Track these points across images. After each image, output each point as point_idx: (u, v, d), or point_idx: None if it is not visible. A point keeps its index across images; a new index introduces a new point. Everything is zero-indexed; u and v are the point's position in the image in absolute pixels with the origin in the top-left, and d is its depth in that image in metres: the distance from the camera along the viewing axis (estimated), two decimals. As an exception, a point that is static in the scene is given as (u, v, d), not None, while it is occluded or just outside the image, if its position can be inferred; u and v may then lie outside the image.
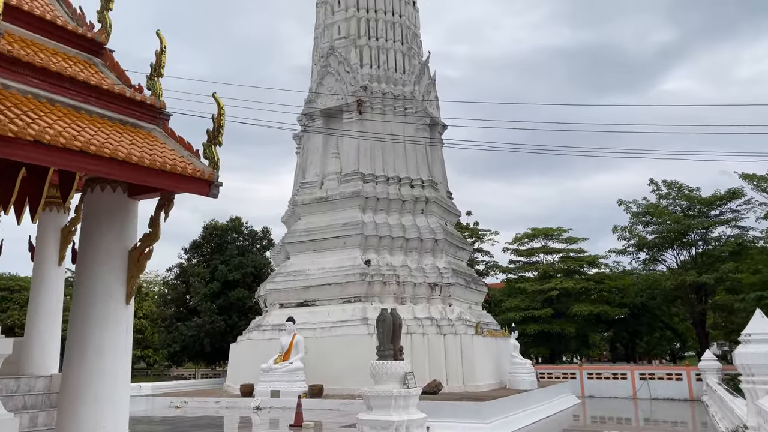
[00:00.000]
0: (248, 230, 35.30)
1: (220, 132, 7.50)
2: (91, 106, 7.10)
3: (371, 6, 25.27)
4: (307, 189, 23.93)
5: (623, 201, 35.09)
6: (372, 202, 22.74)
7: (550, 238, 39.86)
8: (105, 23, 8.62)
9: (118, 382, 6.84)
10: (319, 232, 22.56)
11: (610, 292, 36.88)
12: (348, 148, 23.76)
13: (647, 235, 34.30)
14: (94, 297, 6.93)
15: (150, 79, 8.10)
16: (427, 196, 23.52)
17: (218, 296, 30.89)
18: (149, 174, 6.64)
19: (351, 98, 23.60)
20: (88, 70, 7.84)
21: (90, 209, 7.30)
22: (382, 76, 24.60)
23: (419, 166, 24.19)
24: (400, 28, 25.59)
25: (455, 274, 22.32)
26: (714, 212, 33.30)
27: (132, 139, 6.93)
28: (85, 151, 5.81)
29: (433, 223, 23.17)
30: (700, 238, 33.42)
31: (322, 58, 24.70)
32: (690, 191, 33.58)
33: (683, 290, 32.58)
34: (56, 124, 5.91)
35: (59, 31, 7.97)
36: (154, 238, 7.20)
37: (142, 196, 7.46)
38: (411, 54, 25.70)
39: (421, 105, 24.43)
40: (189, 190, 7.22)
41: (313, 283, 21.55)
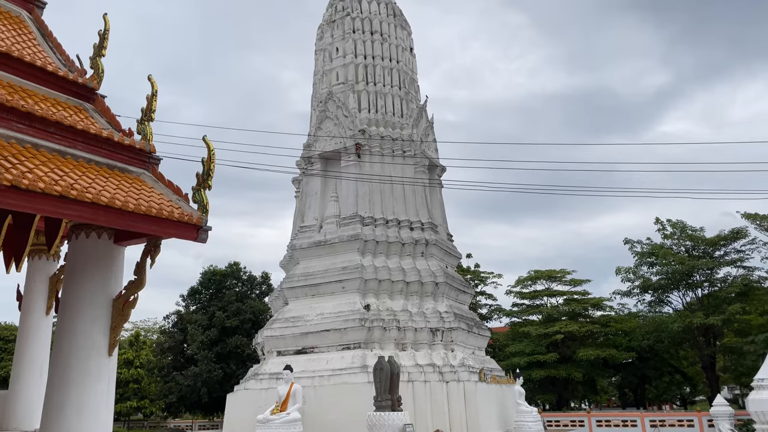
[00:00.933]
0: (247, 276, 34.95)
1: (210, 175, 7.34)
2: (78, 151, 6.97)
3: (369, 53, 25.61)
4: (305, 233, 23.71)
5: (630, 240, 34.76)
6: (371, 245, 22.46)
7: (553, 280, 39.38)
8: (97, 69, 8.60)
9: (98, 441, 6.47)
10: (317, 276, 22.20)
11: (617, 335, 36.15)
12: (347, 191, 23.66)
13: (652, 276, 33.85)
14: (76, 348, 6.63)
15: (140, 124, 8.01)
16: (426, 239, 23.25)
17: (216, 344, 30.30)
18: (135, 219, 6.45)
19: (349, 142, 23.64)
20: (77, 115, 7.75)
21: (74, 256, 7.08)
22: (380, 119, 24.73)
23: (418, 209, 24.02)
24: (398, 73, 25.88)
25: (457, 318, 21.83)
26: (718, 252, 32.94)
27: (118, 184, 6.76)
28: (66, 196, 5.63)
29: (433, 266, 22.83)
30: (705, 279, 32.94)
31: (321, 103, 24.88)
32: (694, 231, 33.30)
33: (691, 333, 31.92)
34: (37, 169, 5.75)
35: (50, 76, 7.93)
36: (140, 285, 6.95)
37: (129, 242, 7.25)
38: (409, 98, 25.91)
39: (419, 148, 24.45)
40: (176, 235, 7.02)
41: (311, 330, 21.05)
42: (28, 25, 8.96)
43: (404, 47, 26.72)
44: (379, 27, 25.94)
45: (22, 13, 9.04)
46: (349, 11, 25.87)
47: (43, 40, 8.78)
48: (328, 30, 26.33)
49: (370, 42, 25.64)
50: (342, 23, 25.82)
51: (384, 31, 25.98)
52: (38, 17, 9.24)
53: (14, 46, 7.74)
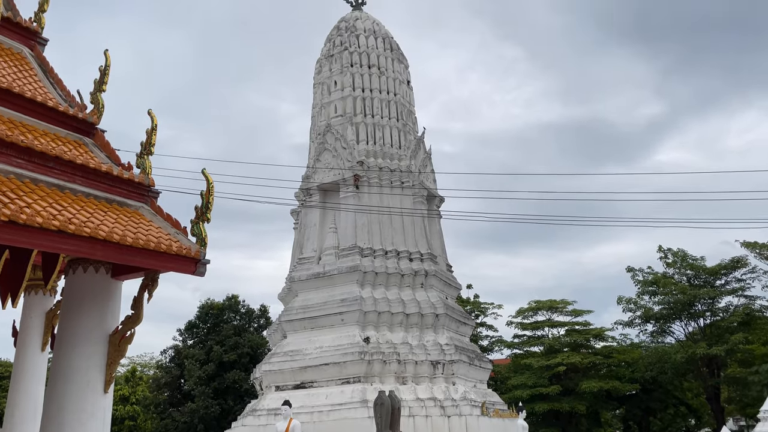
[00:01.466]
0: (245, 309, 34.64)
1: (209, 208, 7.32)
2: (77, 185, 6.96)
3: (366, 86, 25.91)
4: (304, 265, 23.59)
5: (633, 268, 34.58)
6: (370, 276, 22.34)
7: (554, 310, 39.07)
8: (97, 104, 8.64)
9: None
10: (316, 309, 22.02)
11: (619, 366, 35.71)
12: (345, 222, 23.64)
13: (653, 306, 33.61)
14: (71, 386, 6.50)
15: (140, 157, 8.02)
16: (426, 270, 23.14)
17: (213, 379, 29.84)
18: (132, 252, 6.40)
19: (348, 173, 23.73)
20: (77, 149, 7.76)
21: (71, 291, 6.99)
22: (378, 151, 24.87)
23: (417, 240, 23.97)
24: (395, 105, 26.14)
25: (458, 350, 21.58)
26: (719, 282, 32.79)
27: (116, 218, 6.73)
28: (64, 231, 5.59)
29: (433, 297, 22.67)
30: (707, 309, 32.71)
31: (319, 136, 25.06)
32: (695, 260, 33.20)
33: (694, 363, 31.55)
34: (36, 204, 5.73)
35: (50, 112, 7.97)
36: (137, 320, 6.85)
37: (126, 276, 7.18)
38: (406, 130, 26.12)
39: (417, 178, 24.54)
40: (174, 269, 6.95)
41: (310, 364, 20.78)
42: (29, 62, 9.05)
43: (401, 80, 27.05)
44: (376, 61, 26.31)
45: (23, 50, 9.14)
46: (347, 46, 26.28)
47: (44, 76, 8.86)
48: (326, 64, 26.69)
49: (367, 75, 25.98)
50: (340, 57, 26.20)
51: (381, 65, 26.35)
52: (40, 54, 9.33)
53: (15, 82, 7.80)
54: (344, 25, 27.19)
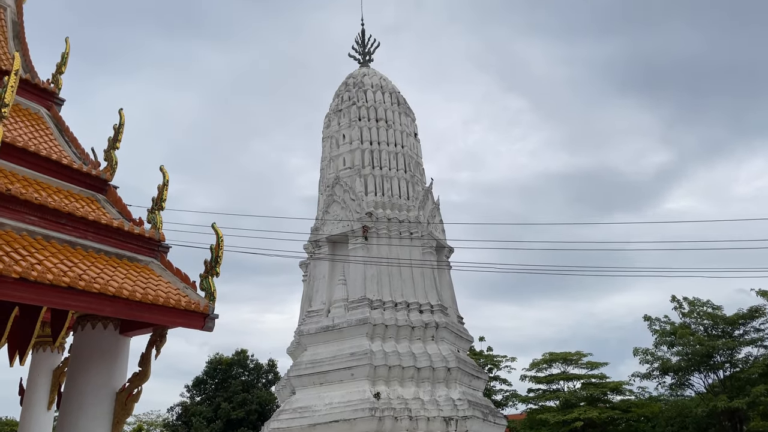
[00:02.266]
0: (254, 363, 34.14)
1: (218, 262, 7.33)
2: (88, 241, 7.01)
3: (374, 139, 26.32)
4: (313, 318, 23.36)
5: (650, 317, 33.87)
6: (380, 329, 22.04)
7: (569, 363, 38.17)
8: (111, 161, 8.82)
9: None
10: (325, 363, 21.63)
11: (639, 421, 34.54)
12: (354, 274, 23.53)
13: (671, 357, 32.75)
14: (75, 446, 6.36)
15: (151, 212, 8.11)
16: (437, 322, 22.81)
17: (221, 437, 29.16)
18: (141, 308, 6.38)
19: (356, 224, 23.79)
20: (89, 206, 7.87)
21: (79, 347, 6.95)
22: (386, 202, 25.00)
23: (427, 291, 23.75)
24: (403, 157, 26.45)
25: (471, 406, 21.01)
26: (738, 332, 32.02)
27: (126, 273, 6.74)
28: (74, 287, 5.59)
29: (444, 351, 22.25)
30: (726, 360, 31.82)
31: (328, 188, 25.29)
32: (714, 309, 32.53)
33: (716, 417, 30.46)
34: (47, 261, 5.76)
35: (64, 169, 8.13)
36: (144, 377, 6.77)
37: (135, 332, 7.13)
38: (414, 181, 26.33)
39: (426, 229, 24.53)
40: (183, 324, 6.91)
41: (319, 421, 20.26)
42: (45, 121, 9.29)
43: (408, 133, 27.48)
44: (384, 114, 26.82)
45: (40, 110, 9.41)
46: (355, 100, 26.86)
47: (59, 135, 9.08)
48: (335, 118, 27.23)
49: (375, 129, 26.43)
50: (348, 112, 26.74)
51: (389, 118, 26.84)
52: (56, 113, 9.60)
53: (31, 141, 7.99)
54: (352, 81, 27.89)
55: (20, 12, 10.42)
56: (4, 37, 10.07)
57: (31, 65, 9.84)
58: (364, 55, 29.28)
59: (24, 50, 9.78)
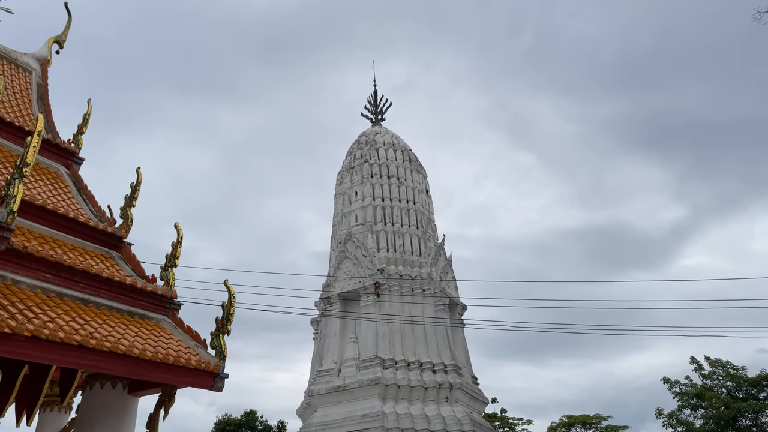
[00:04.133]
0: (263, 425, 33.25)
1: (230, 320, 7.27)
2: (101, 299, 7.00)
3: (386, 195, 26.52)
4: (323, 377, 22.89)
5: (668, 379, 32.69)
6: (392, 389, 21.50)
7: (588, 426, 36.74)
8: (126, 218, 8.91)
9: None
10: (336, 425, 21.04)
11: (664, 487, 32.86)
12: (366, 332, 23.20)
13: (696, 419, 31.44)
14: None
15: (164, 270, 8.12)
16: (450, 382, 22.24)
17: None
18: (151, 368, 6.29)
19: (368, 281, 23.64)
20: (103, 263, 7.90)
21: (87, 407, 6.82)
22: (398, 258, 24.91)
23: (441, 350, 23.29)
24: (415, 214, 26.54)
25: (487, 471, 20.18)
26: (763, 394, 30.83)
27: (137, 331, 6.69)
28: (85, 345, 5.54)
29: (459, 413, 21.59)
30: (753, 424, 30.51)
31: (340, 244, 25.30)
32: (736, 371, 31.45)
33: (745, 483, 28.98)
34: (59, 318, 5.74)
35: (80, 227, 8.22)
36: (152, 439, 6.60)
37: (144, 392, 7.01)
38: (426, 237, 26.30)
39: (438, 286, 24.30)
40: (192, 384, 6.79)
41: (330, 486, 19.53)
42: (65, 180, 9.48)
43: (420, 189, 27.68)
44: (396, 171, 27.11)
45: (60, 169, 9.61)
46: (368, 158, 27.24)
47: (77, 193, 9.23)
48: (347, 175, 27.55)
49: (387, 185, 26.67)
50: (360, 169, 27.07)
51: (401, 175, 27.12)
52: (75, 172, 9.80)
53: (49, 200, 8.12)
54: (365, 139, 28.37)
55: (45, 75, 10.83)
56: (29, 99, 10.42)
57: (53, 125, 10.13)
58: (376, 114, 29.91)
59: (47, 111, 10.09)
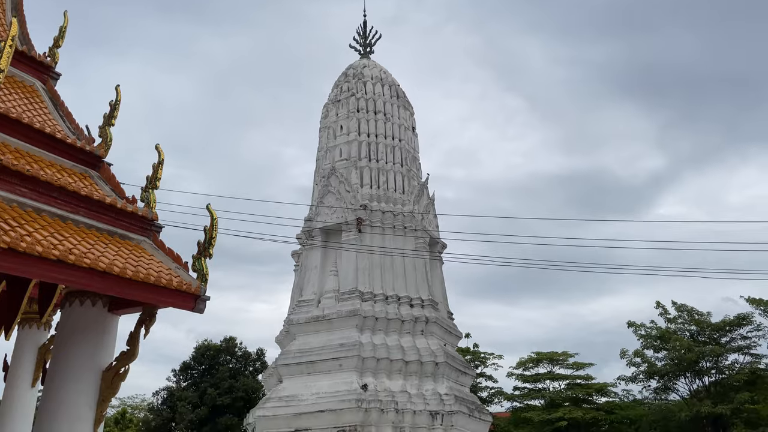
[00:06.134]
0: (242, 351, 34.05)
1: (212, 244, 7.24)
2: (80, 217, 6.91)
3: (372, 131, 26.20)
4: (303, 307, 23.29)
5: (633, 323, 34.02)
6: (370, 321, 22.00)
7: (555, 363, 38.30)
8: (106, 138, 8.69)
9: None
10: (314, 353, 21.59)
11: (622, 423, 34.74)
12: (347, 265, 23.46)
13: (657, 361, 32.93)
14: (60, 421, 6.28)
15: (145, 191, 8.00)
16: (427, 316, 22.80)
17: (205, 423, 29.05)
18: (132, 286, 6.29)
19: (351, 216, 23.71)
20: (82, 181, 7.75)
21: (66, 324, 6.84)
22: (381, 195, 24.92)
23: (419, 285, 23.73)
24: (400, 151, 26.36)
25: (458, 401, 21.04)
26: (725, 339, 32.22)
27: (117, 250, 6.64)
28: (64, 261, 5.50)
29: (433, 345, 22.25)
30: (712, 366, 32.02)
31: (324, 179, 25.18)
32: (700, 316, 32.69)
33: (699, 422, 30.69)
34: (37, 233, 5.66)
35: (58, 143, 8.00)
36: (132, 356, 6.68)
37: (124, 310, 7.04)
38: (410, 175, 26.25)
39: (420, 224, 24.48)
40: (173, 305, 6.83)
41: (305, 410, 20.23)
42: (40, 95, 9.15)
43: (406, 126, 27.38)
44: (382, 107, 26.69)
45: (35, 83, 9.26)
46: (354, 92, 26.71)
47: (54, 109, 8.94)
48: (333, 109, 27.07)
49: (373, 121, 26.30)
50: (347, 103, 26.59)
51: (387, 111, 26.71)
52: (51, 87, 9.45)
53: (25, 114, 7.86)
54: (352, 72, 27.72)
55: (19, -17, 10.24)
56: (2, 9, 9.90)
57: (28, 38, 9.68)
58: (365, 47, 29.11)
59: (22, 21, 9.62)
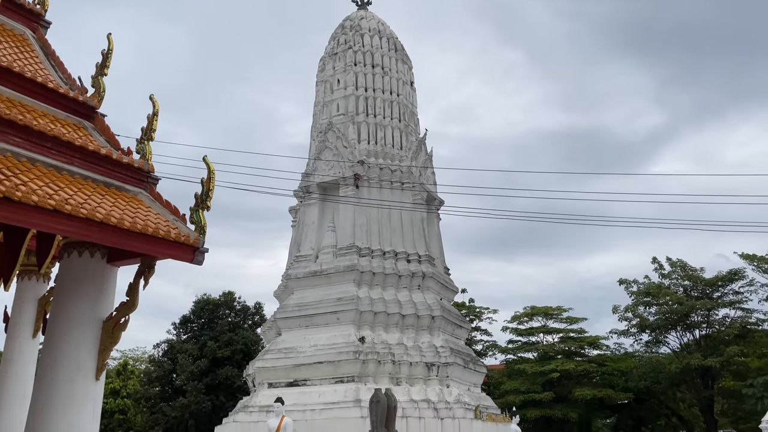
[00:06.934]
0: (241, 305, 34.43)
1: (209, 196, 7.19)
2: (75, 167, 6.82)
3: (369, 85, 25.81)
4: (301, 262, 23.45)
5: (625, 280, 34.50)
6: (367, 276, 22.21)
7: (549, 317, 38.97)
8: (99, 88, 8.51)
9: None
10: (312, 307, 21.87)
11: (613, 375, 35.62)
12: (344, 221, 23.51)
13: (649, 316, 33.51)
14: (61, 371, 6.35)
15: (140, 143, 7.89)
16: (423, 271, 23.01)
17: (206, 374, 29.63)
18: (129, 237, 6.27)
19: (348, 172, 23.61)
20: (76, 132, 7.63)
21: (65, 275, 6.86)
22: (379, 151, 24.77)
23: (416, 241, 23.85)
24: (398, 106, 26.04)
25: (453, 353, 21.46)
26: (717, 294, 32.72)
27: (114, 201, 6.60)
28: (60, 211, 5.46)
29: (429, 299, 22.54)
30: (703, 320, 32.62)
31: (321, 134, 24.95)
32: (693, 271, 33.09)
33: (689, 374, 31.48)
34: (32, 183, 5.60)
35: (50, 93, 7.83)
36: (132, 307, 6.72)
37: (122, 261, 7.04)
38: (408, 131, 26.03)
39: (417, 180, 24.43)
40: (172, 256, 6.82)
41: (304, 362, 20.64)
42: (31, 44, 8.92)
43: (405, 81, 26.96)
44: (380, 61, 26.20)
45: (26, 32, 9.01)
46: (351, 45, 26.18)
47: (45, 58, 8.73)
48: (329, 62, 26.58)
49: (371, 75, 25.87)
50: (344, 56, 26.09)
51: (385, 65, 26.25)
52: (42, 36, 9.20)
53: (16, 62, 7.67)
54: (349, 24, 27.10)
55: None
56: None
57: (14, -17, 9.36)
58: (362, -3, 28.38)
59: (7, -34, 9.28)
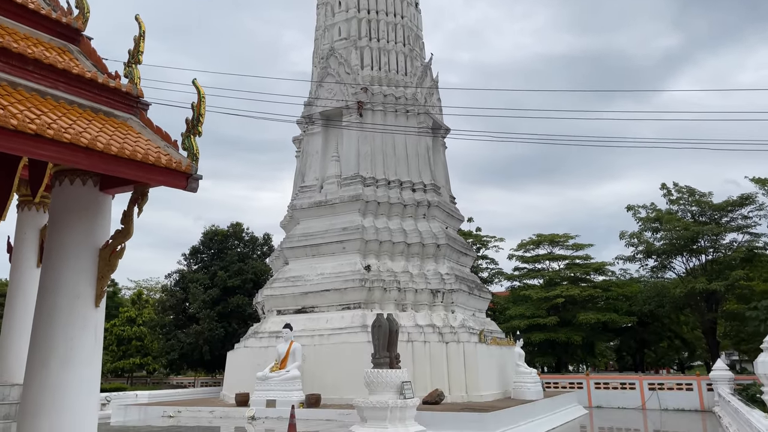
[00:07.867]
0: (249, 236, 34.71)
1: (200, 121, 6.95)
2: (59, 92, 6.57)
3: (372, 7, 24.79)
4: (306, 193, 23.36)
5: (633, 206, 34.31)
6: (372, 206, 22.14)
7: (555, 244, 39.14)
8: (83, 8, 8.12)
9: (84, 393, 6.26)
10: (317, 236, 21.97)
11: (617, 299, 36.12)
12: (348, 151, 23.21)
13: (655, 242, 33.53)
14: (60, 299, 6.37)
15: (127, 66, 7.58)
16: (429, 200, 22.89)
17: (217, 303, 30.29)
18: (119, 163, 6.10)
19: (351, 100, 23.08)
20: (60, 56, 7.31)
21: (58, 204, 6.75)
22: (383, 77, 24.08)
23: (421, 170, 23.59)
24: (402, 29, 25.09)
25: (458, 280, 21.66)
26: (725, 219, 32.53)
27: (102, 127, 6.39)
28: (42, 135, 5.27)
29: (435, 228, 22.54)
30: (710, 245, 32.61)
31: (322, 60, 24.22)
32: (702, 196, 32.78)
33: (693, 298, 31.81)
34: (12, 107, 5.38)
35: (32, 15, 7.47)
36: (127, 234, 6.65)
37: (116, 189, 6.91)
38: (413, 56, 25.19)
39: (423, 107, 23.87)
40: (165, 183, 6.68)
41: (311, 289, 20.94)
42: (8, -38, 8.44)
43: (409, 2, 25.86)
44: (383, -21, 25.03)
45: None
46: (353, -38, 24.92)
47: (24, -23, 8.27)
48: (330, -18, 25.42)
49: (374, -5, 24.78)
50: (345, -25, 24.91)
51: (388, -16, 25.09)
52: (20, -46, 8.70)
53: (-9, -19, 7.26)
54: (350, -59, 25.69)
55: None
56: None
57: None
58: None
59: None
